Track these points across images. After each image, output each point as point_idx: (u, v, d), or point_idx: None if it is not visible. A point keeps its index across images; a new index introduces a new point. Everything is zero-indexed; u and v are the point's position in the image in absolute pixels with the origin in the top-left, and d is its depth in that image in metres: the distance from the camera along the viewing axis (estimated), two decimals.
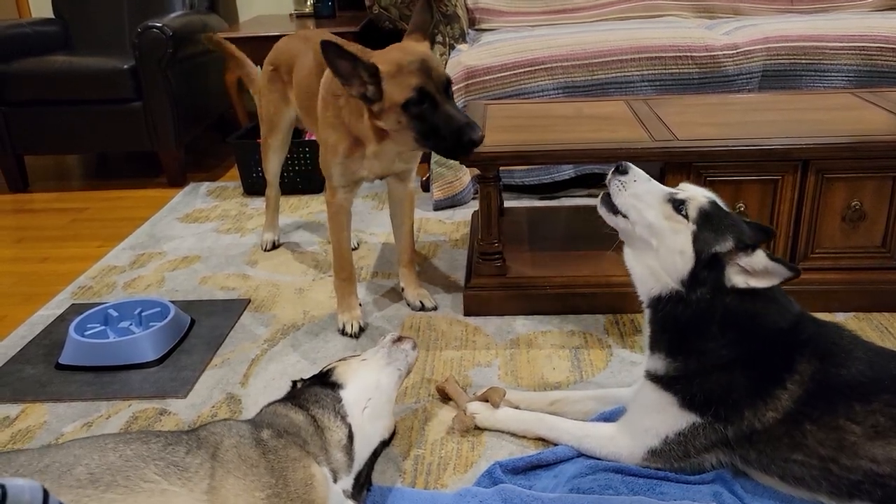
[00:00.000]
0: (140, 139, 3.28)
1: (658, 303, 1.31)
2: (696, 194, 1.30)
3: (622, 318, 1.98)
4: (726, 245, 1.24)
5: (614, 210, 1.36)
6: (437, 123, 1.63)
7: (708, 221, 1.25)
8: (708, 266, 1.24)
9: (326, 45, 1.58)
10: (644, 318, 1.37)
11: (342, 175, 1.89)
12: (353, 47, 1.68)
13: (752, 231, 1.30)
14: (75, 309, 2.16)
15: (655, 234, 1.29)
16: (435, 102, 1.62)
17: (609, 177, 1.37)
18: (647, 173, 1.37)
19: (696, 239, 1.25)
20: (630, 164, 1.36)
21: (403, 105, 1.62)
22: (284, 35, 2.39)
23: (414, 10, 1.78)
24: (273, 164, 2.47)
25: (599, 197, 1.39)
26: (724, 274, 1.24)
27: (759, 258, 1.22)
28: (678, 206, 1.28)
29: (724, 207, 1.29)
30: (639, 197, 1.32)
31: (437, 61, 1.67)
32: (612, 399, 1.53)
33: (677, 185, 1.80)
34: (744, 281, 1.23)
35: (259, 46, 3.22)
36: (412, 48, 1.69)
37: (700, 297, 1.25)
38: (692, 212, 1.27)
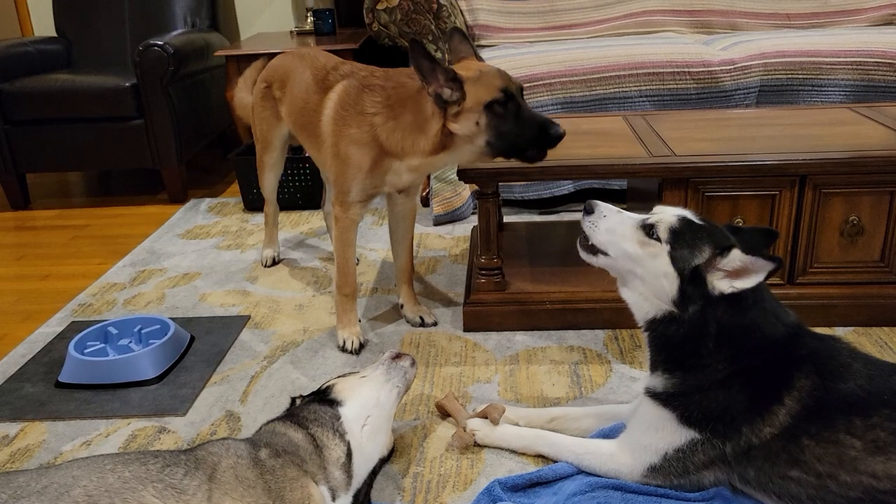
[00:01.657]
0: (142, 156, 3.30)
1: (654, 324, 1.32)
2: (666, 214, 1.32)
3: (621, 334, 1.98)
4: (703, 256, 1.25)
5: (594, 251, 1.38)
6: (522, 121, 1.66)
7: (680, 238, 1.27)
8: (692, 281, 1.25)
9: (414, 43, 1.64)
10: (644, 340, 1.38)
11: (362, 190, 1.89)
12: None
13: (751, 235, 1.32)
14: (75, 327, 2.16)
15: (636, 262, 1.31)
16: (518, 104, 1.66)
17: (581, 219, 1.39)
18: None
19: (674, 258, 1.27)
20: (596, 203, 1.39)
21: (487, 105, 1.65)
22: (283, 52, 2.40)
23: (451, 44, 1.81)
24: (269, 182, 2.48)
25: (578, 242, 1.41)
26: (707, 284, 1.24)
27: (735, 256, 1.23)
28: (649, 230, 1.30)
29: (697, 220, 1.31)
30: (612, 231, 1.35)
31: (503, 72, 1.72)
32: (612, 416, 1.53)
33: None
34: (729, 284, 1.24)
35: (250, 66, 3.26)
36: (482, 63, 1.75)
37: (693, 313, 1.26)
38: (663, 233, 1.29)
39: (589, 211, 1.38)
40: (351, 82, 1.90)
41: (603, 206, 1.37)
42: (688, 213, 1.32)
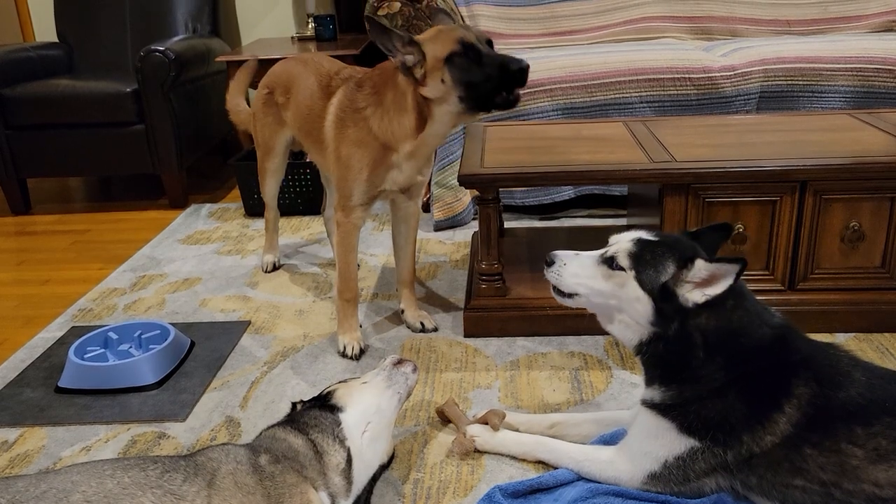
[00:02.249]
0: (142, 162, 3.30)
1: (643, 347, 1.33)
2: (622, 243, 1.33)
3: None
4: (668, 272, 1.26)
5: (568, 295, 1.39)
6: (484, 67, 1.64)
7: (642, 260, 1.28)
8: (664, 299, 1.26)
9: (369, 20, 1.65)
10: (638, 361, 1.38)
11: (365, 192, 1.89)
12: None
13: (709, 235, 1.34)
14: (75, 332, 2.16)
15: (609, 295, 1.32)
16: (477, 51, 1.64)
17: (545, 272, 1.40)
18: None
19: (641, 281, 1.28)
20: (553, 254, 1.39)
21: (447, 59, 1.64)
22: (286, 58, 2.41)
23: (435, 21, 1.84)
24: (270, 187, 2.48)
25: (552, 290, 1.42)
26: (679, 298, 1.25)
27: (700, 267, 1.24)
28: (610, 262, 1.31)
29: (653, 238, 1.32)
30: (576, 275, 1.36)
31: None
32: (612, 422, 1.53)
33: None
34: (700, 294, 1.25)
35: (262, 70, 3.26)
36: (446, 25, 1.77)
37: (675, 329, 1.27)
38: (623, 261, 1.30)
39: (549, 263, 1.39)
40: (349, 85, 1.91)
41: (560, 255, 1.39)
42: (643, 234, 1.33)
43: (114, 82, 3.26)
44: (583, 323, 2.00)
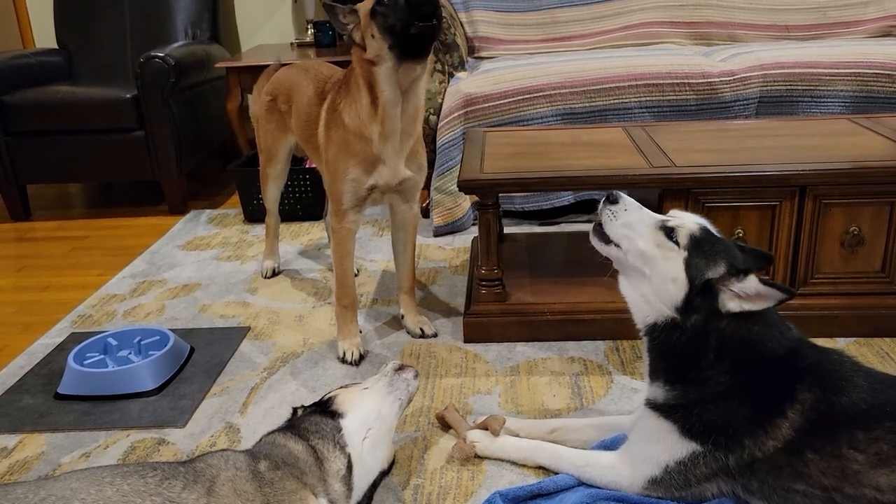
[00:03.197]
0: (142, 168, 3.30)
1: (654, 330, 1.30)
2: (687, 221, 1.30)
3: (622, 345, 1.97)
4: (718, 271, 1.24)
5: (606, 240, 1.35)
6: (396, 8, 1.65)
7: (699, 247, 1.26)
8: (701, 292, 1.24)
9: (327, 7, 1.72)
10: (643, 346, 1.37)
11: (353, 193, 1.89)
12: None
13: (750, 257, 1.30)
14: (75, 338, 2.16)
15: (647, 261, 1.29)
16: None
17: (600, 206, 1.37)
18: (645, 200, 1.38)
19: (688, 265, 1.25)
20: (620, 193, 1.36)
21: (371, 12, 1.68)
22: (286, 64, 2.41)
23: None
24: (272, 193, 2.49)
25: (591, 227, 1.39)
26: (717, 300, 1.24)
27: (752, 283, 1.22)
28: (669, 232, 1.28)
29: (716, 233, 1.30)
30: (630, 226, 1.32)
31: None
32: (613, 427, 1.52)
33: (672, 210, 1.80)
34: (738, 305, 1.24)
35: (261, 75, 3.27)
36: None
37: (695, 323, 1.25)
38: (682, 238, 1.27)
39: (612, 201, 1.34)
40: (335, 88, 1.92)
41: (627, 200, 1.35)
42: (708, 224, 1.30)
43: (113, 88, 3.26)
44: (583, 328, 2.00)
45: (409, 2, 1.63)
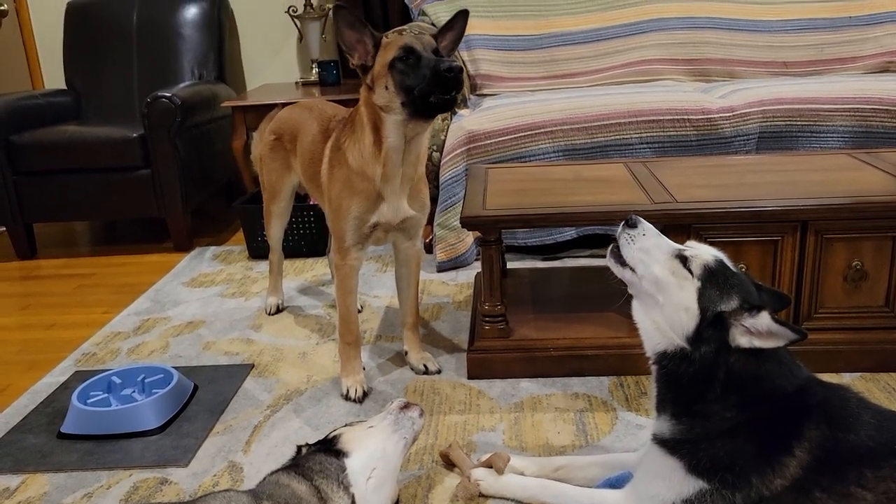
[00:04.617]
0: (148, 206, 3.33)
1: (663, 359, 1.30)
2: (704, 252, 1.31)
3: (626, 381, 1.97)
4: (731, 304, 1.24)
5: (622, 262, 1.36)
6: (420, 70, 1.66)
7: (713, 279, 1.26)
8: (712, 324, 1.24)
9: (338, 9, 1.68)
10: (651, 377, 1.36)
11: (356, 230, 1.90)
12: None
13: (768, 297, 1.30)
14: (79, 376, 2.15)
15: (661, 288, 1.29)
16: (418, 56, 1.66)
17: (619, 229, 1.38)
18: None
19: (701, 296, 1.25)
20: (640, 219, 1.37)
21: (390, 64, 1.67)
22: (290, 103, 2.45)
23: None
24: (275, 230, 2.50)
25: (609, 249, 1.39)
26: (728, 333, 1.24)
27: (764, 320, 1.22)
28: (684, 261, 1.29)
29: (732, 267, 1.30)
30: (647, 251, 1.33)
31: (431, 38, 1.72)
32: (618, 464, 1.51)
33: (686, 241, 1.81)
34: (748, 341, 1.23)
35: (266, 114, 3.30)
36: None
37: (704, 354, 1.25)
38: (697, 268, 1.27)
39: (631, 225, 1.36)
40: (339, 126, 1.94)
41: (645, 225, 1.36)
42: (724, 257, 1.31)
43: (120, 128, 3.30)
44: (587, 364, 1.99)
45: (436, 72, 1.64)
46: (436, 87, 1.66)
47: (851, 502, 1.15)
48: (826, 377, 1.33)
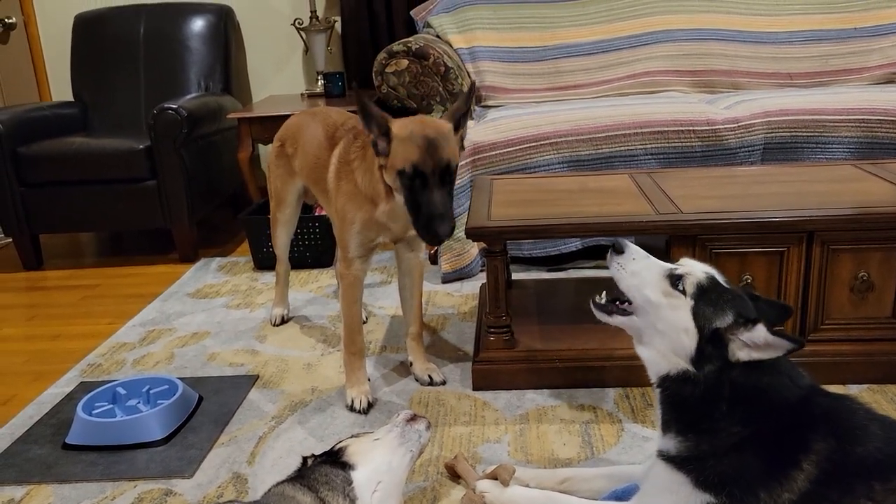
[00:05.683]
0: (154, 217, 3.34)
1: (667, 381, 1.30)
2: (695, 269, 1.31)
3: (632, 392, 1.96)
4: (726, 320, 1.24)
5: (608, 311, 1.37)
6: (420, 203, 1.68)
7: (705, 296, 1.26)
8: (711, 341, 1.24)
9: (358, 95, 1.70)
10: (655, 398, 1.36)
11: (360, 245, 1.91)
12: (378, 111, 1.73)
13: (769, 309, 1.30)
14: (84, 387, 2.16)
15: (656, 311, 1.29)
16: (426, 183, 1.67)
17: (608, 257, 1.38)
18: (653, 247, 1.38)
19: (696, 314, 1.25)
20: (626, 242, 1.37)
21: (399, 171, 1.68)
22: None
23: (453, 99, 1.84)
24: (282, 239, 2.50)
25: (591, 302, 1.41)
26: (727, 349, 1.23)
27: (760, 332, 1.21)
28: (675, 281, 1.29)
29: (724, 283, 1.30)
30: (637, 274, 1.33)
31: (447, 143, 1.69)
32: (624, 477, 1.50)
33: (681, 258, 1.81)
34: (748, 354, 1.23)
35: (272, 125, 3.31)
36: (432, 122, 1.74)
37: (708, 373, 1.24)
38: (689, 287, 1.27)
39: (619, 251, 1.35)
40: (348, 137, 1.95)
41: (633, 249, 1.35)
42: (716, 273, 1.31)
43: (127, 139, 3.32)
44: (593, 375, 1.99)
45: (429, 220, 1.66)
46: (424, 233, 1.69)
47: None
48: (833, 389, 1.32)
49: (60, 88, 4.24)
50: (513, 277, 2.61)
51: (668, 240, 1.92)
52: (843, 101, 2.79)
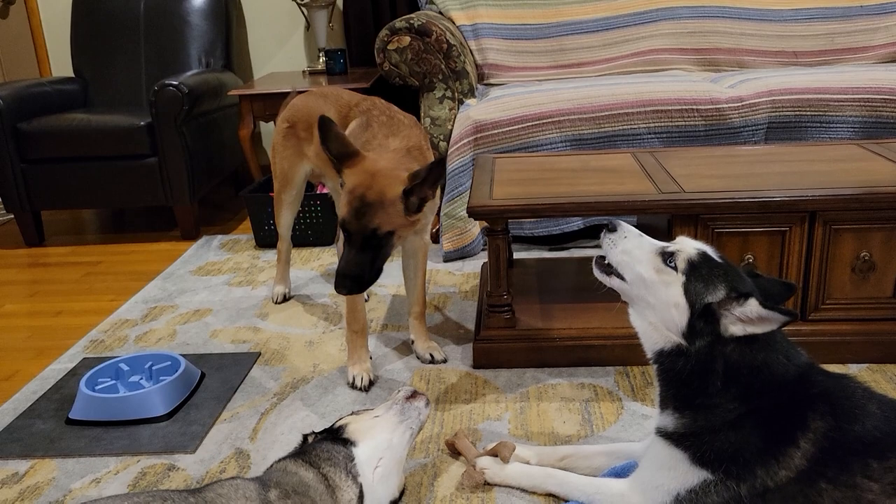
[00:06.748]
0: (155, 194, 3.34)
1: (662, 357, 1.31)
2: (686, 246, 1.31)
3: (633, 371, 1.97)
4: (718, 295, 1.24)
5: (608, 271, 1.38)
6: (347, 243, 1.69)
7: (696, 272, 1.26)
8: (703, 317, 1.24)
9: (322, 120, 1.68)
10: (654, 374, 1.36)
11: None
12: (338, 135, 1.71)
13: (773, 287, 1.30)
14: (87, 363, 2.17)
15: (648, 287, 1.30)
16: (349, 237, 1.67)
17: (602, 235, 1.39)
18: (655, 226, 1.38)
19: (687, 290, 1.26)
20: (619, 222, 1.38)
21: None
22: (300, 91, 2.44)
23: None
24: (286, 218, 2.50)
25: (594, 261, 1.41)
26: (719, 324, 1.24)
27: (752, 307, 1.22)
28: (667, 258, 1.29)
29: (717, 258, 1.30)
30: (629, 252, 1.34)
31: (382, 210, 1.64)
32: (624, 454, 1.52)
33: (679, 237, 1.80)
34: (741, 329, 1.23)
35: (273, 102, 3.31)
36: (380, 183, 1.66)
37: (700, 348, 1.25)
38: (680, 263, 1.28)
39: (611, 229, 1.37)
40: (362, 119, 1.93)
41: (626, 227, 1.37)
42: (708, 249, 1.31)
43: (128, 116, 3.31)
44: (593, 354, 1.99)
45: (336, 275, 1.67)
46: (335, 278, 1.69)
47: (857, 493, 1.15)
48: (833, 368, 1.32)
49: (60, 64, 4.21)
50: (514, 256, 2.61)
51: (670, 219, 1.92)
52: (847, 80, 2.77)
